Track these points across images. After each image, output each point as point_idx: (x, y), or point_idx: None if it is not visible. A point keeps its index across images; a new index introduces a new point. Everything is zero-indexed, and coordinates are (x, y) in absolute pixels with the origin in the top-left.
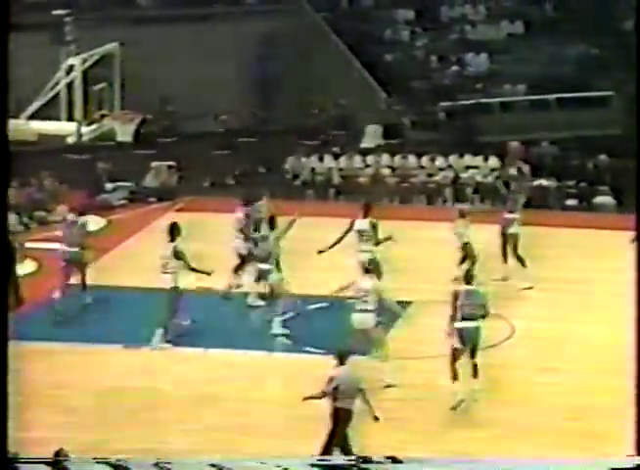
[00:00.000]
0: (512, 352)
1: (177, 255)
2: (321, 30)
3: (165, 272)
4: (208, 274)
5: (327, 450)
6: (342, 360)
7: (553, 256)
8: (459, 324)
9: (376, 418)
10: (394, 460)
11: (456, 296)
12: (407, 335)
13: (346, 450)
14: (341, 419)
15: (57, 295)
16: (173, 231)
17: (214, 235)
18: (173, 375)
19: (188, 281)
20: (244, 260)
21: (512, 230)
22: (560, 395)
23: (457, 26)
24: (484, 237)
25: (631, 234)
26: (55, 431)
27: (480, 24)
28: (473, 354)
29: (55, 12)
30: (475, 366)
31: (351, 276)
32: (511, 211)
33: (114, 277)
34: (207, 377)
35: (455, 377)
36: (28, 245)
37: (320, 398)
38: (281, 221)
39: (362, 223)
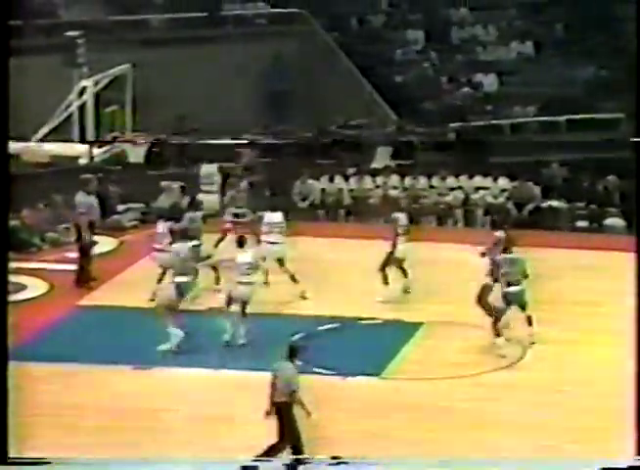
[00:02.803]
0: (525, 374)
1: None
2: (331, 51)
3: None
4: None
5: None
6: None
7: (562, 277)
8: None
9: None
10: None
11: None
12: (415, 356)
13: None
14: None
15: None
16: None
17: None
18: (182, 396)
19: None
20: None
21: None
22: (565, 415)
23: (467, 47)
24: None
25: None
26: (57, 451)
27: (490, 46)
28: (524, 310)
29: (67, 34)
30: (529, 318)
31: (365, 297)
32: None
33: (125, 298)
34: (217, 398)
35: (498, 334)
36: (40, 266)
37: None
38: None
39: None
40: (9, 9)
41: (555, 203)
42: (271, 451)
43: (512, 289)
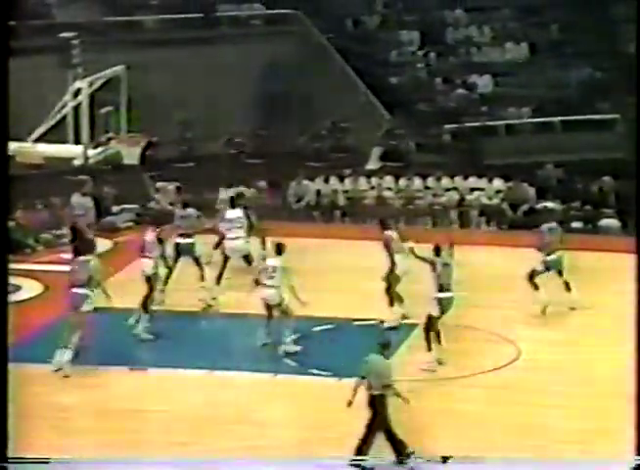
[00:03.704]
0: (516, 374)
1: None
2: (326, 52)
3: None
4: None
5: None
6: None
7: (557, 278)
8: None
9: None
10: None
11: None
12: (411, 357)
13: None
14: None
15: None
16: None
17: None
18: (177, 397)
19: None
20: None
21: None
22: (561, 418)
23: (462, 49)
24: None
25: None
26: (56, 453)
27: (485, 47)
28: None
29: (62, 35)
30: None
31: (360, 298)
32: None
33: (119, 299)
34: (210, 399)
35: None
36: (34, 267)
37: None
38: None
39: None
40: (9, 10)
41: (550, 204)
42: (364, 445)
43: (442, 294)
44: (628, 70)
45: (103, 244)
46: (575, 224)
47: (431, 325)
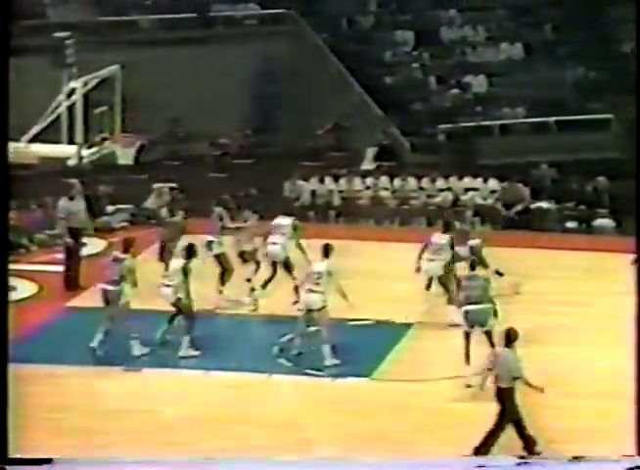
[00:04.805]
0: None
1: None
2: (321, 52)
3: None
4: None
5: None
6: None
7: (553, 278)
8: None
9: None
10: None
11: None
12: (406, 357)
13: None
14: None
15: None
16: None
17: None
18: (173, 398)
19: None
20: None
21: None
22: (561, 418)
23: (457, 49)
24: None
25: (631, 256)
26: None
27: (479, 47)
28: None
29: (56, 34)
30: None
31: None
32: None
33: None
34: (207, 400)
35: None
36: (29, 267)
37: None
38: None
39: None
40: (8, 9)
41: (544, 204)
42: (490, 438)
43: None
44: (622, 70)
45: (97, 244)
46: (570, 224)
47: (465, 339)
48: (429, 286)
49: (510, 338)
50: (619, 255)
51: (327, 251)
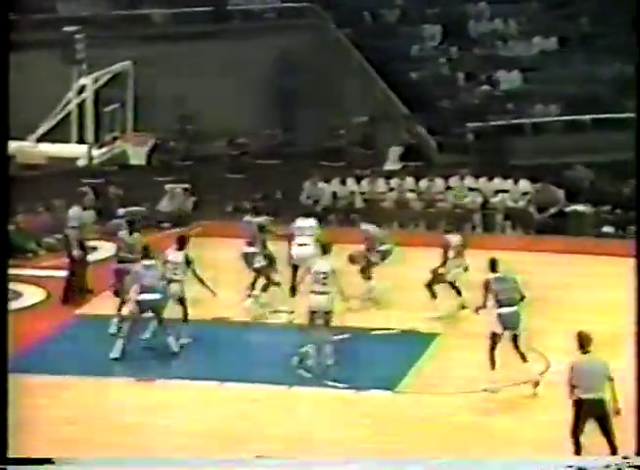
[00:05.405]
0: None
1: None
2: (343, 47)
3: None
4: (213, 294)
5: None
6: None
7: (587, 285)
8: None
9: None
10: None
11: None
12: (430, 369)
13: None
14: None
15: None
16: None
17: (227, 262)
18: (186, 409)
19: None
20: None
21: None
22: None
23: (487, 42)
24: None
25: None
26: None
27: (511, 40)
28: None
29: (65, 29)
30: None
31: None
32: None
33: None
34: (222, 412)
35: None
36: (36, 272)
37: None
38: None
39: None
40: (9, 3)
41: (580, 207)
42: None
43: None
44: None
45: (108, 248)
46: (606, 229)
47: (494, 343)
48: (459, 292)
49: (583, 343)
50: None
51: (325, 247)
